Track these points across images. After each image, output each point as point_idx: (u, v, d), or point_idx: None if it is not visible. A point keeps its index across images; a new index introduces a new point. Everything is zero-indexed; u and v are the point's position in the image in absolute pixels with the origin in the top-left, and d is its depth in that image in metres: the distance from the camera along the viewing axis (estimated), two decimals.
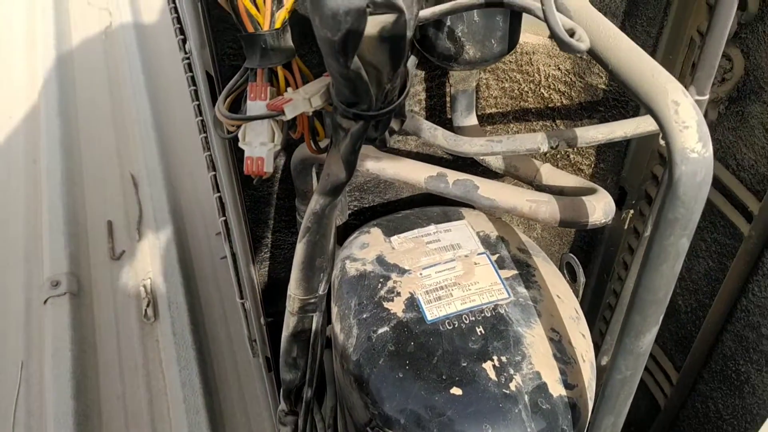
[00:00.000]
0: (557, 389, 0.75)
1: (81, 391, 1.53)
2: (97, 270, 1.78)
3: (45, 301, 1.68)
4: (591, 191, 0.75)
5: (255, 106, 0.55)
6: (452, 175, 0.74)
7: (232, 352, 1.62)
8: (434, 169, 0.74)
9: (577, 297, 0.86)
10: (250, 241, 0.97)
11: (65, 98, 2.17)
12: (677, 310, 0.96)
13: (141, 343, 1.64)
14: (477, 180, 0.73)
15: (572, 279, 0.87)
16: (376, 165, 0.76)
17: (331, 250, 0.68)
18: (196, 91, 0.95)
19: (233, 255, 1.02)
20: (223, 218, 0.98)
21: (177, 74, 1.98)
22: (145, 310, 1.68)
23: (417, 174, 0.75)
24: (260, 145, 0.55)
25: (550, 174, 0.79)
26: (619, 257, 0.98)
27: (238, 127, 0.58)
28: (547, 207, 0.70)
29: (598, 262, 1.01)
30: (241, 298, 1.07)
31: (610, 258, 0.99)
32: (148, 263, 1.78)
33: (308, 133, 0.59)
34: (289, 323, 0.73)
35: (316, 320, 0.73)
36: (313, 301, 0.71)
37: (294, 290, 0.70)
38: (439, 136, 0.71)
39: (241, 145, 0.56)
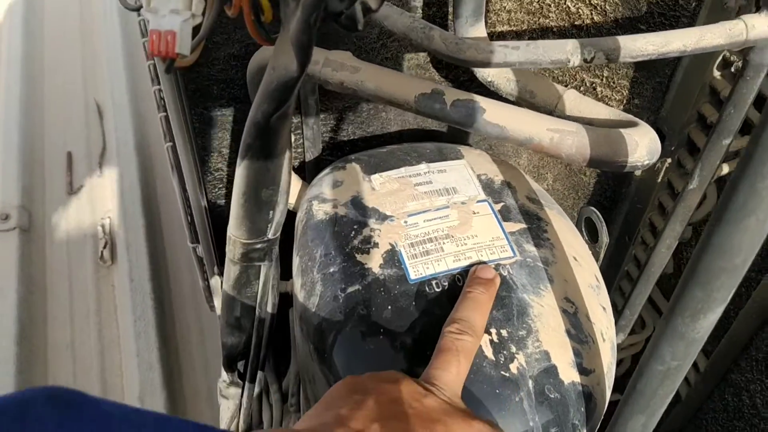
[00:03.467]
0: (569, 374, 0.59)
1: (26, 336, 1.37)
2: (52, 205, 1.61)
3: None
4: (629, 124, 0.58)
5: None
6: (451, 94, 0.56)
7: (196, 303, 1.46)
8: (428, 85, 0.57)
9: (597, 261, 0.70)
10: (199, 172, 0.80)
11: (30, 15, 1.96)
12: None
13: (95, 288, 1.47)
14: (483, 101, 0.55)
15: (592, 239, 0.71)
16: (352, 77, 0.59)
17: (285, 180, 0.50)
18: None
19: (183, 190, 0.85)
20: (170, 143, 0.81)
21: None
22: (102, 252, 1.51)
23: (405, 90, 0.57)
24: (170, 14, 0.37)
25: (575, 102, 0.62)
26: (645, 217, 0.82)
27: None
28: (574, 139, 0.53)
29: (619, 222, 0.84)
30: (193, 242, 0.90)
31: (635, 217, 0.82)
32: (109, 201, 1.61)
33: (249, 7, 0.41)
34: (231, 274, 0.56)
35: (264, 271, 0.56)
36: (259, 246, 0.54)
37: (234, 231, 0.53)
38: (435, 38, 0.53)
39: (144, 12, 0.38)
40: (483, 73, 0.66)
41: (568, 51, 0.51)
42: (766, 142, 0.33)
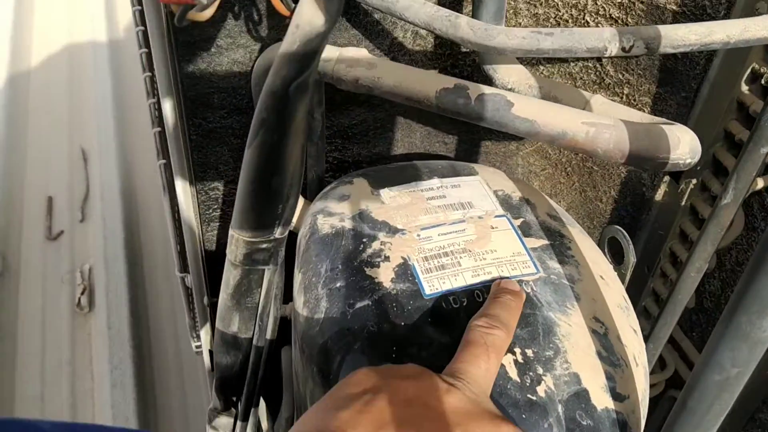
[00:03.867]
0: (603, 400, 0.54)
1: None
2: (29, 250, 1.54)
3: None
4: (664, 125, 0.54)
5: None
6: (476, 88, 0.52)
7: (178, 352, 1.38)
8: (450, 80, 0.53)
9: (623, 283, 0.65)
10: (195, 192, 0.75)
11: (17, 61, 1.93)
12: None
13: (69, 336, 1.39)
14: (511, 95, 0.52)
15: (616, 261, 0.66)
16: (368, 73, 0.55)
17: (298, 170, 0.46)
18: None
19: (174, 213, 0.80)
20: (163, 161, 0.76)
21: None
22: (79, 299, 1.43)
23: (426, 85, 0.53)
24: None
25: (604, 107, 0.59)
26: (666, 247, 0.77)
27: None
28: (611, 132, 0.49)
29: (638, 252, 0.80)
30: (183, 271, 0.84)
31: (655, 246, 0.78)
32: (89, 247, 1.54)
33: None
34: (230, 280, 0.50)
35: (267, 277, 0.51)
36: (264, 246, 0.49)
37: (238, 227, 0.48)
38: (462, 25, 0.49)
39: None
40: (503, 80, 0.63)
41: (606, 38, 0.48)
42: None
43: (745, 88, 0.65)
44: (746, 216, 0.70)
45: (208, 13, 0.36)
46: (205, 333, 0.89)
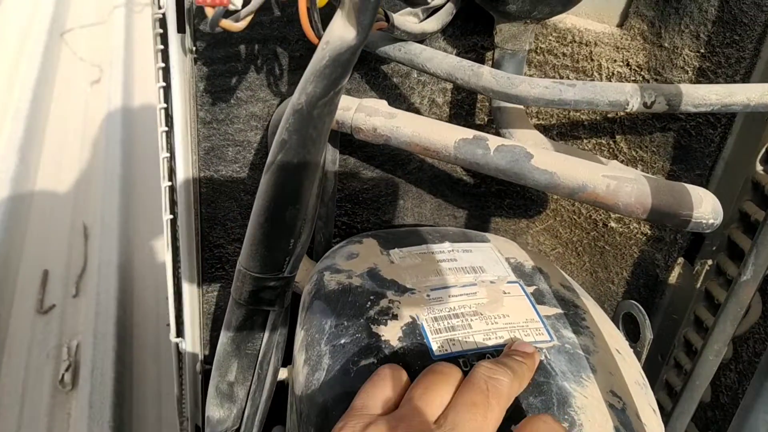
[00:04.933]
0: None
1: None
2: (17, 322, 1.49)
3: None
4: None
5: None
6: (494, 140, 0.52)
7: None
8: (469, 132, 0.53)
9: (639, 360, 0.62)
10: (199, 248, 0.73)
11: (29, 137, 1.96)
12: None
13: (48, 414, 1.32)
14: (530, 147, 0.51)
15: (632, 338, 0.63)
16: (387, 122, 0.55)
17: (312, 204, 0.44)
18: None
19: (176, 271, 0.78)
20: (170, 217, 0.74)
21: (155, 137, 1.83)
22: (63, 375, 1.38)
23: (444, 135, 0.53)
24: None
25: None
26: (680, 334, 0.75)
27: None
28: (633, 186, 0.48)
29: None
30: (177, 336, 0.81)
31: (669, 333, 0.75)
32: (80, 323, 1.50)
33: None
34: (233, 321, 0.48)
35: (272, 321, 0.48)
36: (272, 284, 0.46)
37: (246, 262, 0.45)
38: (485, 74, 0.50)
39: None
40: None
41: (628, 92, 0.48)
42: None
43: (760, 167, 0.65)
44: (764, 303, 0.68)
45: (242, 24, 0.36)
46: (192, 403, 0.85)
